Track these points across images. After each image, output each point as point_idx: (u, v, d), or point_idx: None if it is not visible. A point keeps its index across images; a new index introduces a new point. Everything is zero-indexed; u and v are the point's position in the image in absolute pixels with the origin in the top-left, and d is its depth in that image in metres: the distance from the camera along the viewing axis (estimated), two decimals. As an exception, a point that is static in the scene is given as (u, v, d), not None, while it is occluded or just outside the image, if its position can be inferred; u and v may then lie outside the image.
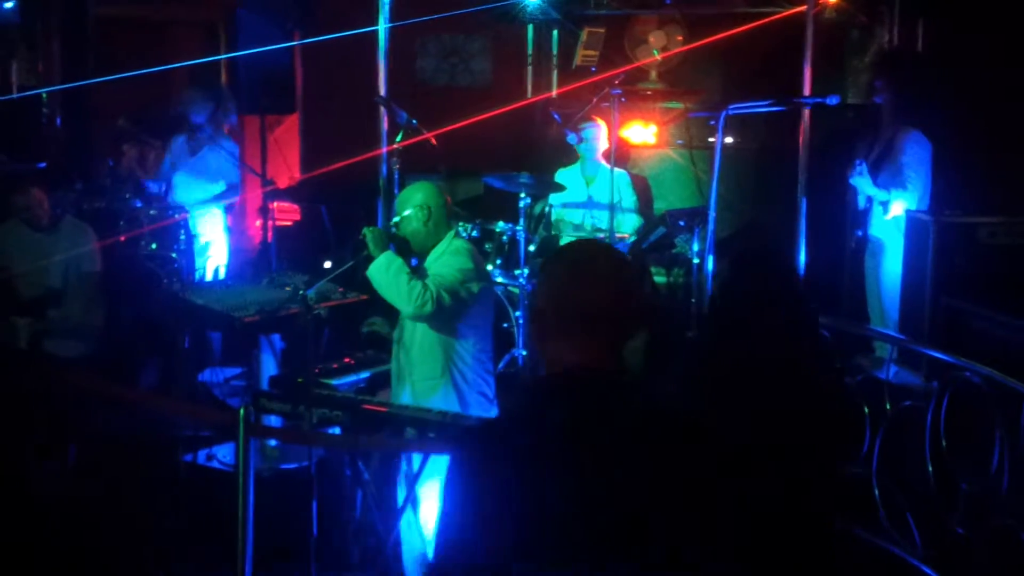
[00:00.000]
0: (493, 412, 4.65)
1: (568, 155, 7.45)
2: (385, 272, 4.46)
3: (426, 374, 4.57)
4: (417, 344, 4.59)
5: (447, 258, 4.54)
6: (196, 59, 8.09)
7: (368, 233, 4.56)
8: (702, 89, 8.26)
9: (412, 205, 4.61)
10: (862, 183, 6.25)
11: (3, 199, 6.10)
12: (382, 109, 6.34)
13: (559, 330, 2.25)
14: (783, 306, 3.28)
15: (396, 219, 4.65)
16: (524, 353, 6.48)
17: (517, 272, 6.43)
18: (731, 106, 6.09)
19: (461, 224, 6.09)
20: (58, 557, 4.73)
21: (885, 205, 6.20)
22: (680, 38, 8.21)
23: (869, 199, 6.36)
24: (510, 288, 6.59)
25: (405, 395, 4.63)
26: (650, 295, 7.60)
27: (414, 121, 5.95)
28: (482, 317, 4.61)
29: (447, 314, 4.46)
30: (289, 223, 8.52)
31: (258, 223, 8.35)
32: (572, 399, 2.20)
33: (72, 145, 8.19)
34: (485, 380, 4.65)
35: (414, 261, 4.65)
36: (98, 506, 5.08)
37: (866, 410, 4.94)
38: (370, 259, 4.53)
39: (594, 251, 2.40)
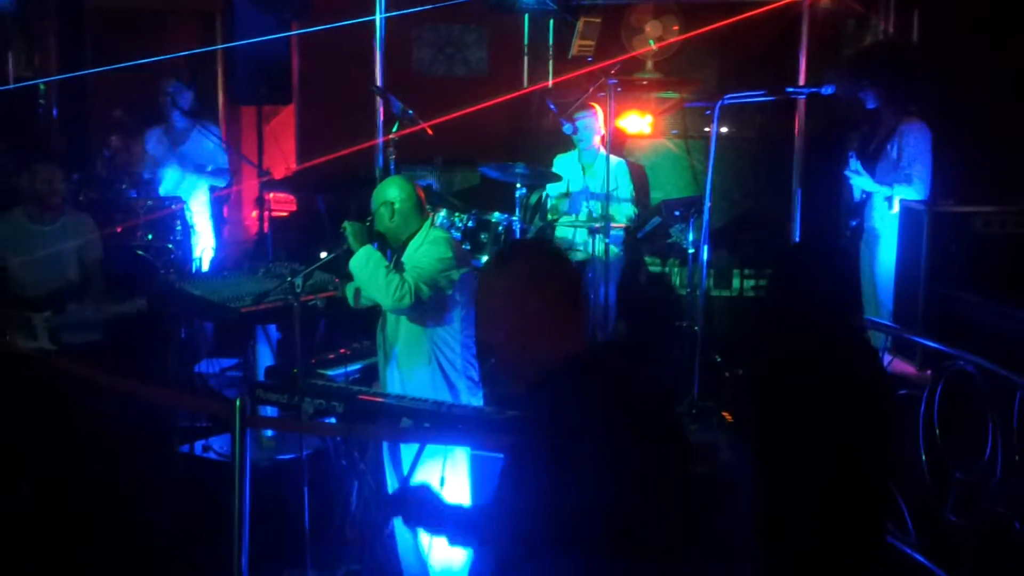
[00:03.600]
0: (480, 396, 4.70)
1: (564, 145, 7.45)
2: (364, 266, 4.53)
3: (413, 363, 4.61)
4: (402, 334, 4.63)
5: (425, 248, 4.59)
6: (193, 49, 8.10)
7: (348, 227, 4.63)
8: (698, 79, 8.25)
9: (377, 202, 4.69)
10: (863, 182, 6.18)
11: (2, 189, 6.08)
12: (378, 99, 6.34)
13: (553, 317, 2.28)
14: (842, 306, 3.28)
15: (370, 217, 4.72)
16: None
17: (513, 262, 6.43)
18: (727, 96, 6.10)
19: (457, 215, 6.09)
20: (53, 547, 4.75)
21: (890, 200, 6.13)
22: (676, 28, 8.20)
23: (866, 190, 6.33)
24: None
25: (393, 384, 4.67)
26: (644, 285, 7.63)
27: (410, 111, 5.95)
28: (465, 303, 4.64)
29: (427, 305, 4.50)
30: (285, 214, 8.53)
31: (254, 214, 8.36)
32: (604, 378, 2.27)
33: (69, 136, 8.18)
34: (471, 364, 4.69)
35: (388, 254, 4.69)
36: (93, 496, 5.10)
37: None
38: (351, 253, 4.59)
39: (539, 241, 2.49)
